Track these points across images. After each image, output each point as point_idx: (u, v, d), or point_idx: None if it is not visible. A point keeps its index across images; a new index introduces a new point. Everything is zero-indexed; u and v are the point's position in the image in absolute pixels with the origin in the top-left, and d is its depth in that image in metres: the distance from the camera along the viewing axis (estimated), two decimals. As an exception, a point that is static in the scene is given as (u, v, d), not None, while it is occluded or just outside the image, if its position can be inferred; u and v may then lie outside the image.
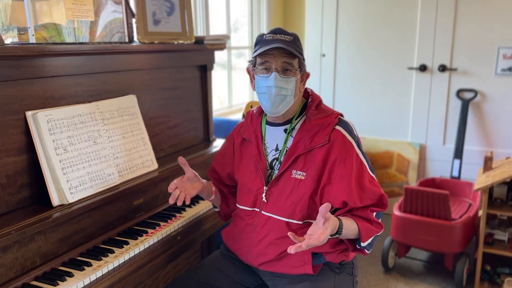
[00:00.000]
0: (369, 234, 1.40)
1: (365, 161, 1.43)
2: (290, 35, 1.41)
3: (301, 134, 1.44)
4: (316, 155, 1.40)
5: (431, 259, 2.94)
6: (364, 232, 1.38)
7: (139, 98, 1.78)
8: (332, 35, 3.69)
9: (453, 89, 3.33)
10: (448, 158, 3.39)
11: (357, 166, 1.40)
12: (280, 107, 1.42)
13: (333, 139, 1.39)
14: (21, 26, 1.47)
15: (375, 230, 1.41)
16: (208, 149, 2.13)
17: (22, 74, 1.33)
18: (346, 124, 1.45)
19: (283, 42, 1.37)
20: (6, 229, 1.21)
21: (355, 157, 1.40)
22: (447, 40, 3.27)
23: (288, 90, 1.39)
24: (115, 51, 1.65)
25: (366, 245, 1.41)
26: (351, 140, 1.42)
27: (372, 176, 1.44)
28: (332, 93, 3.77)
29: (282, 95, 1.39)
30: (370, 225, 1.40)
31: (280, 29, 1.43)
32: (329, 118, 1.44)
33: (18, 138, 1.36)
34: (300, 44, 1.44)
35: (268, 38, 1.40)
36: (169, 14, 1.94)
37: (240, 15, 3.81)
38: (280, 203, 1.43)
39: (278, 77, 1.38)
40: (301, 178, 1.41)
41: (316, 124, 1.43)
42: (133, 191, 1.63)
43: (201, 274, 1.57)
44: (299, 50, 1.41)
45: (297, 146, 1.43)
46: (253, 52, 1.44)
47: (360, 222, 1.38)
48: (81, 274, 1.29)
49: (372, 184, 1.41)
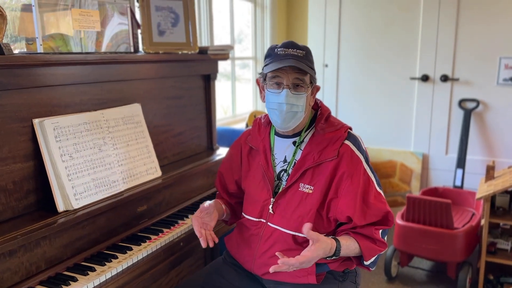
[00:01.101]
0: (372, 253, 1.39)
1: (372, 177, 1.42)
2: (303, 49, 1.40)
3: (310, 148, 1.44)
4: (324, 169, 1.40)
5: (434, 268, 2.93)
6: (367, 251, 1.38)
7: (144, 107, 1.82)
8: (334, 46, 3.73)
9: (455, 99, 3.35)
10: (450, 167, 3.40)
11: (364, 182, 1.39)
12: (291, 123, 1.42)
13: (341, 153, 1.39)
14: (29, 36, 1.51)
15: (378, 249, 1.40)
16: (212, 157, 2.16)
17: (29, 82, 1.37)
18: (355, 138, 1.44)
19: (295, 58, 1.36)
20: (12, 233, 1.24)
21: (363, 172, 1.39)
22: (449, 51, 3.30)
23: (299, 107, 1.39)
24: (121, 61, 1.69)
25: (369, 263, 1.42)
26: (359, 155, 1.41)
27: (379, 192, 1.42)
28: (335, 103, 3.80)
29: (293, 112, 1.39)
30: (373, 245, 1.39)
31: (293, 43, 1.41)
32: (338, 132, 1.43)
33: (25, 145, 1.39)
34: (311, 57, 1.43)
35: (280, 53, 1.39)
36: (173, 25, 1.98)
37: (244, 26, 3.87)
38: (286, 216, 1.43)
39: (289, 93, 1.37)
40: (308, 192, 1.41)
41: (326, 138, 1.42)
42: (137, 198, 1.65)
43: (204, 281, 1.58)
44: (311, 65, 1.40)
45: (305, 160, 1.43)
46: (264, 65, 1.43)
47: (363, 241, 1.38)
48: (84, 278, 1.31)
49: (378, 201, 1.40)
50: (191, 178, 1.95)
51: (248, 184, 1.56)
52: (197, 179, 1.99)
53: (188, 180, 1.93)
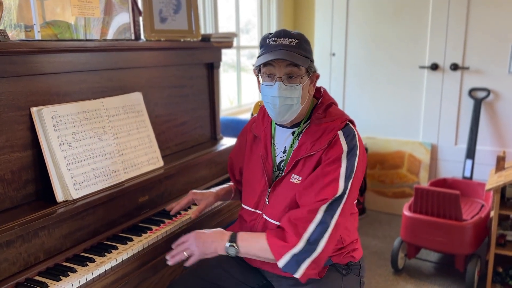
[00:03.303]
0: (279, 250, 1.28)
1: (343, 168, 1.29)
2: (296, 37, 1.32)
3: (305, 138, 1.38)
4: (312, 160, 1.34)
5: (442, 260, 2.89)
6: (274, 248, 1.28)
7: (145, 96, 1.79)
8: (342, 34, 3.66)
9: (465, 88, 3.28)
10: (460, 158, 3.34)
11: (328, 166, 1.29)
12: (286, 116, 1.36)
13: (329, 144, 1.32)
14: (28, 24, 1.48)
15: (287, 245, 1.27)
16: (215, 147, 2.12)
17: (27, 70, 1.34)
18: (350, 131, 1.35)
19: (287, 48, 1.29)
20: (10, 224, 1.22)
21: (335, 159, 1.29)
22: (459, 38, 3.22)
23: (294, 99, 1.32)
24: (121, 48, 1.65)
25: (283, 265, 1.27)
26: (343, 144, 1.31)
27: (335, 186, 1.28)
28: (342, 92, 3.74)
29: (287, 105, 1.33)
30: (282, 241, 1.28)
31: (285, 31, 1.33)
32: (334, 123, 1.35)
33: (23, 134, 1.37)
34: (307, 45, 1.35)
35: (272, 43, 1.32)
36: (175, 11, 1.94)
37: (251, 16, 3.81)
38: (277, 207, 1.40)
39: (282, 86, 1.31)
40: (296, 183, 1.36)
41: (320, 129, 1.36)
42: (138, 188, 1.63)
43: (206, 273, 1.56)
44: (305, 54, 1.32)
45: (300, 150, 1.38)
46: (257, 57, 1.37)
47: (272, 238, 1.29)
48: (84, 270, 1.29)
49: (319, 190, 1.29)
50: (194, 169, 1.92)
51: (248, 173, 1.53)
52: (200, 169, 1.96)
53: (190, 170, 1.90)
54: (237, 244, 1.34)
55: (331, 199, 1.28)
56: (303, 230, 1.27)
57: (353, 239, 1.48)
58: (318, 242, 1.27)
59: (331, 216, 1.28)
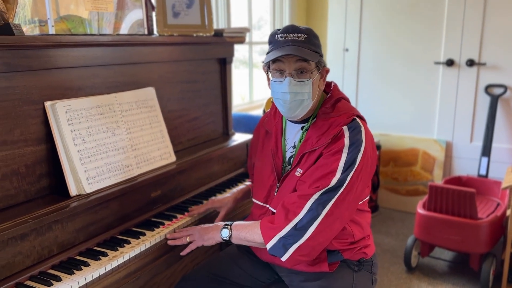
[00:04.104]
0: (268, 233, 1.30)
1: (343, 160, 1.28)
2: (304, 32, 1.31)
3: (311, 133, 1.37)
4: (315, 154, 1.33)
5: (456, 259, 2.85)
6: (263, 229, 1.31)
7: (158, 91, 1.78)
8: (355, 29, 3.62)
9: (482, 84, 3.22)
10: (475, 156, 3.28)
11: (328, 158, 1.28)
12: (297, 112, 1.35)
13: (333, 138, 1.31)
14: (43, 18, 1.49)
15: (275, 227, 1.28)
16: (227, 143, 2.12)
17: (41, 64, 1.34)
18: (355, 125, 1.32)
19: (296, 44, 1.28)
20: (24, 217, 1.23)
21: (336, 152, 1.28)
22: (475, 34, 3.16)
23: (305, 94, 1.31)
24: (134, 43, 1.65)
25: (270, 247, 1.29)
26: (345, 139, 1.29)
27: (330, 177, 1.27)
28: (355, 89, 3.70)
29: (298, 100, 1.32)
30: (270, 224, 1.31)
31: (293, 27, 1.32)
32: (340, 118, 1.34)
33: (37, 128, 1.37)
34: (316, 40, 1.34)
35: (280, 39, 1.31)
36: (188, 6, 1.93)
37: (264, 12, 3.79)
38: (281, 199, 1.38)
39: (292, 81, 1.30)
40: (297, 176, 1.36)
41: (326, 123, 1.34)
42: (151, 183, 1.62)
43: (217, 267, 1.56)
44: (315, 49, 1.31)
45: (306, 145, 1.37)
46: (266, 53, 1.36)
47: (264, 221, 1.34)
48: (97, 263, 1.30)
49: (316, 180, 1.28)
50: (206, 164, 1.92)
51: (259, 167, 1.53)
52: (212, 164, 1.96)
53: (202, 165, 1.90)
54: (231, 227, 1.38)
55: (323, 188, 1.26)
56: (293, 216, 1.28)
57: (365, 235, 1.46)
58: (306, 228, 1.26)
59: (323, 205, 1.26)
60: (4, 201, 1.29)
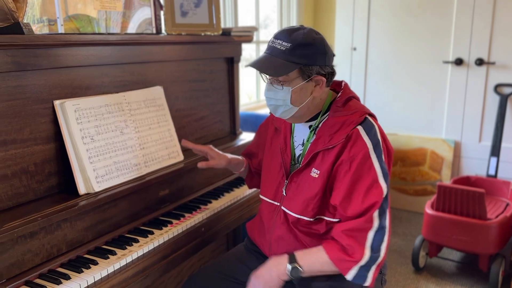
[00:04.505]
0: (345, 265, 1.26)
1: (377, 166, 1.28)
2: (291, 42, 1.26)
3: (322, 131, 1.37)
4: (332, 154, 1.32)
5: (464, 259, 2.83)
6: (338, 262, 1.26)
7: (166, 90, 1.79)
8: (363, 28, 3.60)
9: (491, 84, 3.19)
10: (484, 156, 3.26)
11: (361, 168, 1.27)
12: (278, 115, 1.37)
13: (348, 138, 1.30)
14: (52, 18, 1.49)
15: (350, 259, 1.25)
16: (234, 142, 2.12)
17: (50, 63, 1.35)
18: (370, 125, 1.32)
19: (273, 53, 1.28)
20: (33, 215, 1.23)
21: (364, 158, 1.27)
22: (485, 32, 3.13)
23: (279, 101, 1.32)
24: (142, 42, 1.65)
25: (352, 278, 1.26)
26: (366, 140, 1.28)
27: (379, 186, 1.27)
28: (363, 88, 3.69)
29: (273, 105, 1.34)
30: (344, 254, 1.26)
31: (286, 31, 1.29)
32: (352, 117, 1.33)
33: (46, 127, 1.38)
34: (305, 49, 1.27)
35: (269, 43, 1.32)
36: (196, 5, 1.93)
37: (270, 11, 3.78)
38: (295, 199, 1.39)
39: (268, 86, 1.34)
40: (315, 177, 1.34)
41: (338, 122, 1.34)
42: (159, 181, 1.63)
43: (225, 267, 1.56)
44: (295, 59, 1.26)
45: (317, 143, 1.37)
46: None
47: (333, 252, 1.27)
48: (105, 262, 1.30)
49: (365, 195, 1.26)
50: (214, 163, 1.91)
51: (267, 164, 1.53)
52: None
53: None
54: (298, 264, 1.31)
55: (381, 201, 1.27)
56: (364, 240, 1.26)
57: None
58: (380, 247, 1.27)
59: (385, 218, 1.28)
60: (14, 199, 1.30)
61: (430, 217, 2.58)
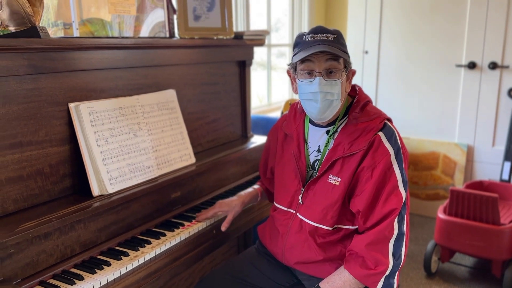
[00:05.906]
0: (372, 279, 1.26)
1: (398, 174, 1.29)
2: (333, 33, 1.32)
3: (341, 138, 1.36)
4: (353, 161, 1.31)
5: (477, 265, 2.79)
6: (364, 279, 1.26)
7: (179, 93, 1.80)
8: (375, 31, 3.59)
9: (504, 87, 3.16)
10: (497, 160, 3.22)
11: (384, 176, 1.27)
12: (327, 113, 1.33)
13: (370, 145, 1.29)
14: (67, 21, 1.52)
15: (374, 272, 1.25)
16: (245, 145, 2.12)
17: (65, 66, 1.37)
18: (390, 131, 1.33)
19: (325, 43, 1.28)
20: (48, 216, 1.25)
21: (386, 166, 1.28)
22: (498, 36, 3.10)
23: (334, 94, 1.30)
24: (156, 46, 1.67)
25: None
26: (388, 147, 1.29)
27: (399, 193, 1.28)
28: (374, 91, 3.67)
29: (328, 100, 1.30)
30: (366, 270, 1.26)
31: (321, 27, 1.33)
32: (372, 123, 1.33)
33: (61, 129, 1.40)
34: (343, 40, 1.35)
35: (309, 39, 1.31)
36: (209, 9, 1.94)
37: (281, 15, 3.79)
38: (312, 207, 1.38)
39: (322, 81, 1.29)
40: (335, 184, 1.33)
41: (358, 128, 1.33)
42: (171, 184, 1.64)
43: (236, 269, 1.56)
44: (343, 49, 1.32)
45: (336, 150, 1.35)
46: (293, 55, 1.36)
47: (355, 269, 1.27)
48: (118, 263, 1.31)
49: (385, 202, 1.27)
50: (225, 166, 1.92)
51: (280, 171, 1.51)
52: (231, 166, 1.97)
53: (221, 167, 1.90)
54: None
55: (400, 208, 1.27)
56: (387, 251, 1.27)
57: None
58: (400, 253, 1.29)
59: (403, 224, 1.29)
60: (29, 200, 1.32)
61: (443, 221, 2.55)
